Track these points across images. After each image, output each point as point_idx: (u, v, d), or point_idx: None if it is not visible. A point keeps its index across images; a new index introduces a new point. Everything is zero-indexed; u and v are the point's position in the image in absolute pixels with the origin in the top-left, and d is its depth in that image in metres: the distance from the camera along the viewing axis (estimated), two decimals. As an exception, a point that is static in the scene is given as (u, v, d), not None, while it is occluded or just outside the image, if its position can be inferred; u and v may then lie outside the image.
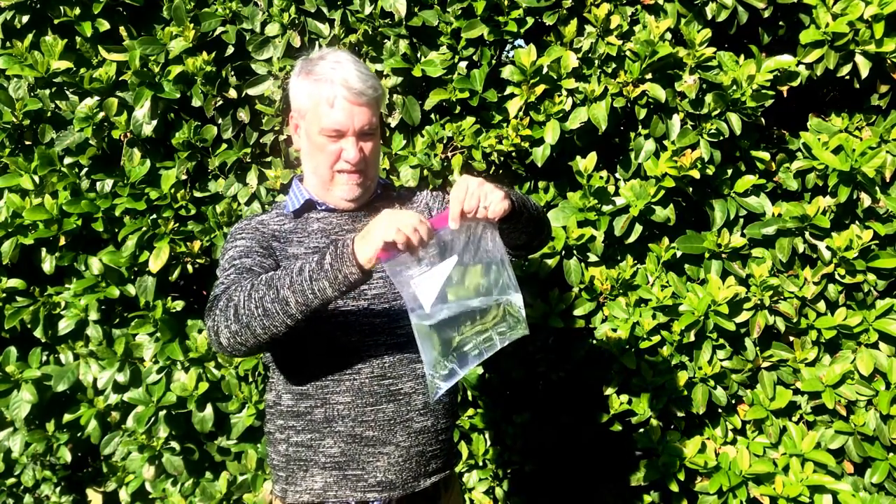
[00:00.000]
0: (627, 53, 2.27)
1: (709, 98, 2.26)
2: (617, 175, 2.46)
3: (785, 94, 2.35)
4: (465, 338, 1.33)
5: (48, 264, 2.44)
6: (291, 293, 1.24)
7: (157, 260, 2.31)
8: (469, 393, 2.61)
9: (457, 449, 2.55)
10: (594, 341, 2.42)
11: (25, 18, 2.39)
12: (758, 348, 2.39)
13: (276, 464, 1.56)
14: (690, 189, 2.34)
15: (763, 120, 2.34)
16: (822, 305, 2.38)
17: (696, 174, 2.22)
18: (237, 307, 1.28)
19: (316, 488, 1.50)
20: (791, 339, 2.42)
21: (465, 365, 1.32)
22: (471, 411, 2.63)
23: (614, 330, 2.36)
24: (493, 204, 1.30)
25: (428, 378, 1.29)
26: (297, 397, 1.51)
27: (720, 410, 2.47)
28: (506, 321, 1.36)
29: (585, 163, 2.30)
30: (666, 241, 2.39)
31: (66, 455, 2.57)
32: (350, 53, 1.54)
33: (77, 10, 2.33)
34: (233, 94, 2.36)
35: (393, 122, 2.37)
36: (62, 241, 2.40)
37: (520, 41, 2.45)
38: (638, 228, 2.34)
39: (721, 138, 2.26)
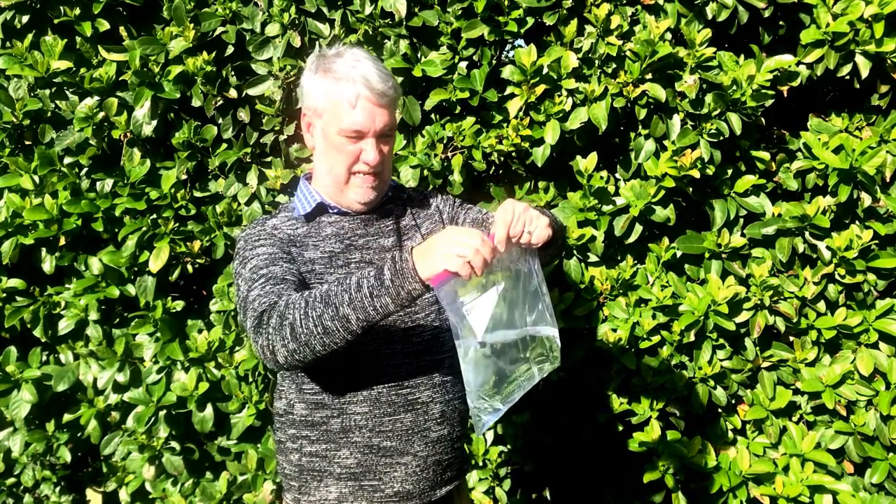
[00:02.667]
0: (627, 53, 2.27)
1: (709, 98, 2.25)
2: (617, 175, 2.45)
3: (785, 94, 2.34)
4: (516, 372, 1.30)
5: (48, 264, 2.44)
6: (352, 310, 1.20)
7: (157, 260, 2.31)
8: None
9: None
10: (594, 341, 2.42)
11: (25, 18, 2.39)
12: (758, 348, 2.38)
13: (289, 473, 1.54)
14: (690, 189, 2.34)
15: (763, 120, 2.34)
16: (822, 305, 2.37)
17: (696, 174, 2.22)
18: (293, 326, 1.24)
19: (331, 498, 1.48)
20: (791, 339, 2.42)
21: (509, 401, 1.29)
22: (471, 411, 2.63)
23: (614, 330, 2.35)
24: (538, 230, 1.28)
25: (472, 411, 1.27)
26: (312, 407, 1.48)
27: (720, 410, 2.47)
28: (545, 353, 1.33)
29: (586, 163, 2.30)
30: (666, 241, 2.38)
31: (66, 455, 2.57)
32: (366, 51, 1.49)
33: (77, 10, 2.33)
34: (233, 94, 2.36)
35: (393, 122, 2.36)
36: (62, 241, 2.40)
37: (520, 41, 2.45)
38: (638, 228, 2.34)
39: (721, 138, 2.26)
